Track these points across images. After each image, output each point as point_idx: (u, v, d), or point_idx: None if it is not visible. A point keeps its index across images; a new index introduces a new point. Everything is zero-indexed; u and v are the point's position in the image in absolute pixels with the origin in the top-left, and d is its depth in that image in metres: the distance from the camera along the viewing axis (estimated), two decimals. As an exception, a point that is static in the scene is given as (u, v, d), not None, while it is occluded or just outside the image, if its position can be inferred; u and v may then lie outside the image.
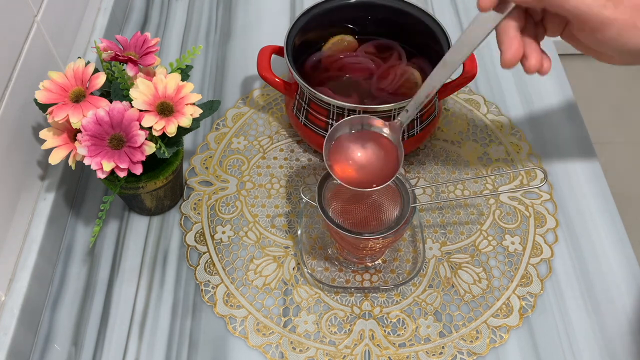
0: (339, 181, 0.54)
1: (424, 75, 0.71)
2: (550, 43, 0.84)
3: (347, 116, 0.63)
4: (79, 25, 0.74)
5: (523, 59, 0.50)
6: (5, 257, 0.57)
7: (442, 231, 0.66)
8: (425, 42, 0.69)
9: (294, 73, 0.64)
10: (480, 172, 0.70)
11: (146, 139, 0.54)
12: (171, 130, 0.55)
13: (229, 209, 0.67)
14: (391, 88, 0.70)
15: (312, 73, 0.72)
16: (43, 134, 0.56)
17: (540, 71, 0.51)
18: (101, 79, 0.56)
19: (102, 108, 0.54)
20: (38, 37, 0.62)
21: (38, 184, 0.63)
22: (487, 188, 0.69)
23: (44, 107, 0.56)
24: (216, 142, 0.73)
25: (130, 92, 0.55)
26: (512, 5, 0.48)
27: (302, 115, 0.68)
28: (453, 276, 0.62)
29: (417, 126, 0.66)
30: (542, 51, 0.51)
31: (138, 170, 0.54)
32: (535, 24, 0.51)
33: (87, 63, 0.57)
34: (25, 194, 0.61)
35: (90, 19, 0.78)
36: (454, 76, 0.69)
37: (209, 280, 0.62)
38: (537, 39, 0.51)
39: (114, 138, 0.54)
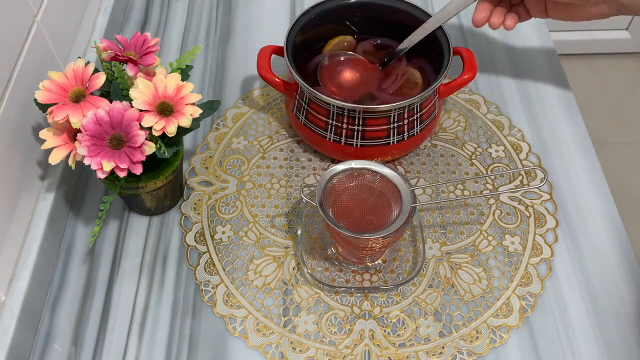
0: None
1: (424, 75, 0.71)
2: (551, 43, 0.84)
3: (347, 116, 0.64)
4: (79, 25, 0.74)
5: (489, 21, 0.66)
6: (5, 257, 0.57)
7: (442, 231, 0.66)
8: (426, 42, 0.69)
9: (294, 73, 0.64)
10: (480, 172, 0.70)
11: (146, 139, 0.54)
12: (171, 130, 0.55)
13: (229, 209, 0.67)
14: (392, 88, 0.70)
15: (312, 73, 0.72)
16: (43, 134, 0.56)
17: (505, 27, 0.67)
18: (101, 79, 0.56)
19: (102, 108, 0.54)
20: (38, 37, 0.62)
21: (38, 184, 0.63)
22: (487, 188, 0.69)
23: (44, 107, 0.56)
24: (216, 142, 0.73)
25: (130, 92, 0.55)
26: None
27: (302, 115, 0.68)
28: (453, 276, 0.62)
29: (417, 126, 0.66)
30: (511, 14, 0.67)
31: (138, 170, 0.54)
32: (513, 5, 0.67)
33: (87, 63, 0.57)
34: (25, 194, 0.61)
35: (90, 19, 0.78)
36: (454, 76, 0.69)
37: (209, 280, 0.62)
38: (508, 7, 0.67)
39: (114, 138, 0.54)
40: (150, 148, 0.55)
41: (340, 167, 0.58)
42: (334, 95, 0.67)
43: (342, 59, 0.72)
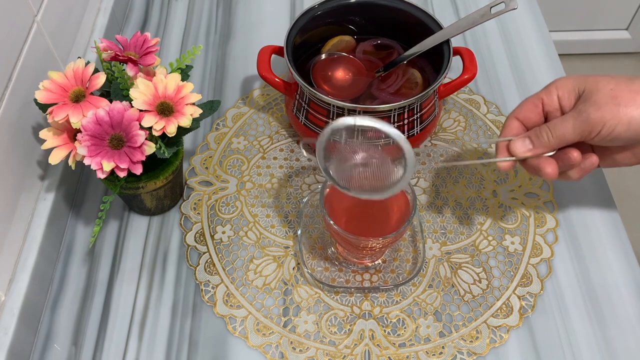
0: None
1: (425, 75, 0.71)
2: (551, 43, 0.84)
3: (348, 116, 0.63)
4: (79, 25, 0.74)
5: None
6: (5, 257, 0.57)
7: (442, 231, 0.66)
8: (425, 42, 0.69)
9: (294, 73, 0.64)
10: (480, 172, 0.70)
11: (146, 139, 0.54)
12: (171, 130, 0.55)
13: (229, 209, 0.67)
14: (392, 88, 0.70)
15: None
16: (43, 134, 0.56)
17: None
18: (101, 79, 0.56)
19: (102, 108, 0.54)
20: (38, 37, 0.62)
21: (38, 184, 0.63)
22: (487, 188, 0.69)
23: (44, 107, 0.56)
24: (216, 142, 0.73)
25: (130, 92, 0.55)
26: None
27: (302, 115, 0.68)
28: (453, 276, 0.62)
29: (417, 126, 0.66)
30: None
31: (138, 170, 0.54)
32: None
33: (87, 63, 0.57)
34: (25, 194, 0.61)
35: (90, 19, 0.78)
36: (454, 76, 0.69)
37: (209, 280, 0.62)
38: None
39: (114, 138, 0.54)
40: (150, 148, 0.55)
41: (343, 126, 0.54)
42: (333, 95, 0.67)
43: (333, 58, 0.72)
